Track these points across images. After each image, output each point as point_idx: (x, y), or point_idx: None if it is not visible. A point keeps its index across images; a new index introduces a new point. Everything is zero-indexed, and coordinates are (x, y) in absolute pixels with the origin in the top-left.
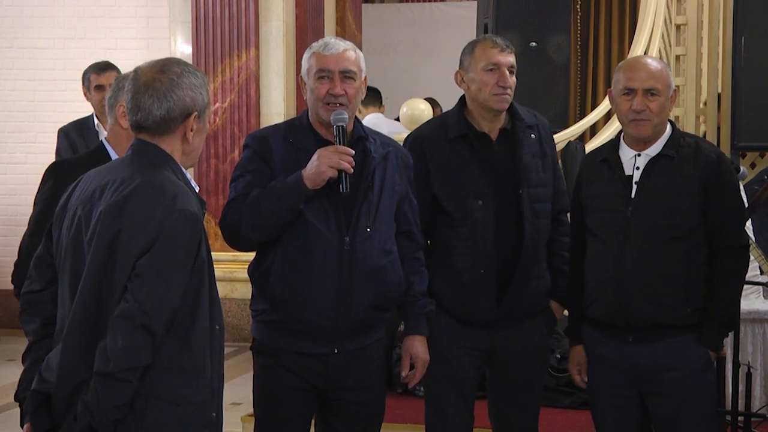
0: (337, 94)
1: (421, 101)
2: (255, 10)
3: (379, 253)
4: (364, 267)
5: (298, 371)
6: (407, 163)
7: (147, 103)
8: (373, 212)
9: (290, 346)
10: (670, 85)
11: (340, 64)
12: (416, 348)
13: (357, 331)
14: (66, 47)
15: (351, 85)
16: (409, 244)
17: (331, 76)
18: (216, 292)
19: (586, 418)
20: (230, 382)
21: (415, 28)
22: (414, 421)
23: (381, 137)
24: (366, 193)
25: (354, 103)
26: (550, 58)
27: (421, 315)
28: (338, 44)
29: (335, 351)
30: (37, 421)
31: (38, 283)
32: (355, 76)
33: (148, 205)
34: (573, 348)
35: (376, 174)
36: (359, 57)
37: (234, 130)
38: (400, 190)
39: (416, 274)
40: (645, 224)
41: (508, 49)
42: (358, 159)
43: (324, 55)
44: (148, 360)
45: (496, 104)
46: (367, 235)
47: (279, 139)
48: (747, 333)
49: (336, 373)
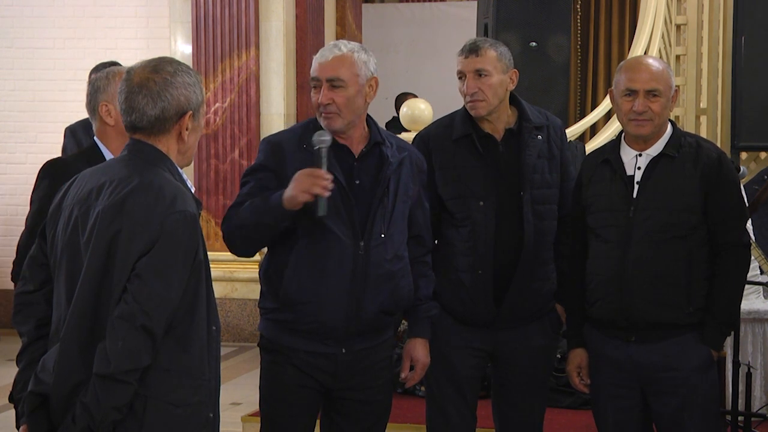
0: (322, 104)
1: (421, 101)
2: (255, 10)
3: (391, 258)
4: (377, 272)
5: (307, 369)
6: (421, 167)
7: (141, 103)
8: (388, 218)
9: (300, 344)
10: (671, 85)
11: (326, 72)
12: (417, 351)
13: (366, 333)
14: (66, 47)
15: (340, 93)
16: (418, 248)
17: (320, 84)
18: (212, 293)
19: (587, 418)
20: (230, 382)
21: (415, 28)
22: (414, 421)
23: (398, 141)
24: (382, 199)
25: (347, 111)
26: (550, 58)
27: (424, 318)
28: (332, 50)
29: (343, 351)
30: (34, 423)
31: (32, 283)
32: (344, 83)
33: (148, 206)
34: (572, 351)
35: (391, 179)
36: (357, 62)
37: (234, 130)
38: (414, 195)
39: (423, 278)
40: (647, 224)
41: (474, 53)
42: (375, 164)
43: (316, 62)
44: (147, 361)
45: (470, 111)
46: (381, 240)
47: (294, 144)
48: (747, 333)
49: (344, 372)
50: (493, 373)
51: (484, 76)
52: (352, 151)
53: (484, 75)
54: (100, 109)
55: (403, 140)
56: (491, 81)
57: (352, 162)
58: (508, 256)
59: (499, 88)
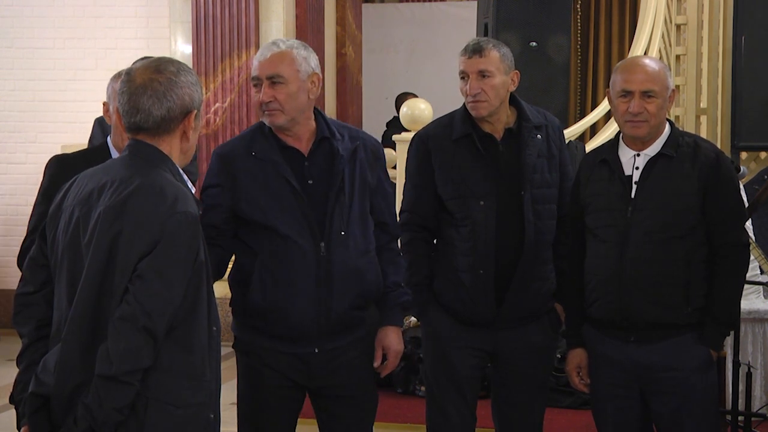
0: (264, 101)
1: (421, 101)
2: (255, 10)
3: (355, 254)
4: (341, 270)
5: (282, 369)
6: (377, 154)
7: (146, 104)
8: (346, 214)
9: (273, 345)
10: (667, 85)
11: (266, 70)
12: (389, 339)
13: (338, 332)
14: (66, 47)
15: (281, 90)
16: (383, 236)
17: (260, 83)
18: (213, 294)
19: (587, 418)
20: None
21: (415, 27)
22: (414, 421)
23: (350, 131)
24: (338, 195)
25: (290, 107)
26: (550, 58)
27: (395, 306)
28: (270, 48)
29: (316, 351)
30: (35, 424)
31: (32, 284)
32: (284, 80)
33: (149, 207)
34: (571, 350)
35: (345, 172)
36: (296, 58)
37: (234, 130)
38: (372, 182)
39: (391, 265)
40: (645, 224)
41: (477, 53)
42: (326, 160)
43: (256, 61)
44: (149, 362)
45: (471, 111)
46: (342, 238)
47: (243, 152)
48: (747, 333)
49: (318, 371)
50: (493, 373)
51: (487, 77)
52: (301, 150)
53: (487, 76)
54: (102, 107)
55: (357, 129)
56: (494, 82)
57: (302, 162)
58: (508, 256)
59: (501, 89)
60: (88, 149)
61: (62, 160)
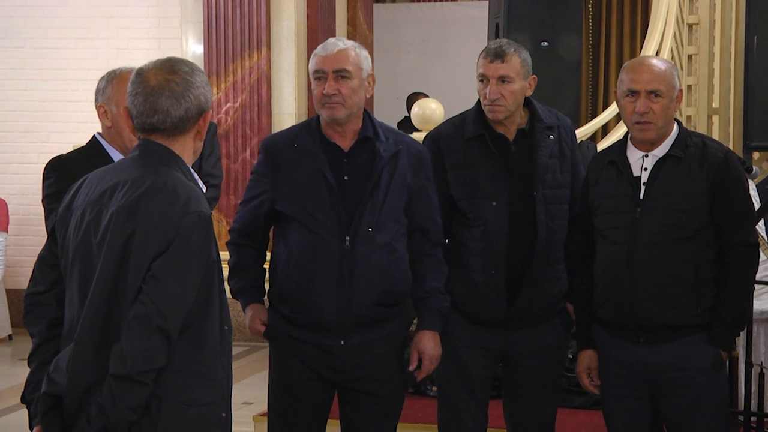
0: (328, 93)
1: (432, 101)
2: (266, 10)
3: (381, 251)
4: (364, 266)
5: (310, 362)
6: (421, 160)
7: (165, 104)
8: (377, 211)
9: (301, 335)
10: (674, 85)
11: (333, 64)
12: (424, 343)
13: (364, 326)
14: (78, 47)
15: (345, 84)
16: (425, 242)
17: (325, 76)
18: (224, 293)
19: (598, 419)
20: (242, 382)
21: (426, 27)
22: (426, 420)
23: (396, 136)
24: (372, 192)
25: (351, 101)
26: (562, 57)
27: (433, 311)
28: (335, 44)
29: (341, 343)
30: (48, 424)
31: (42, 284)
32: (349, 74)
33: (163, 207)
34: (582, 352)
35: (383, 173)
36: (359, 56)
37: (245, 129)
38: (413, 187)
39: (432, 271)
40: (654, 225)
41: (499, 59)
42: (366, 159)
43: (320, 56)
44: (163, 362)
45: (488, 114)
46: (369, 234)
47: (288, 144)
48: (760, 333)
49: (343, 365)
50: (505, 373)
51: (508, 83)
52: (343, 147)
53: (508, 81)
54: (97, 110)
55: (404, 134)
56: (513, 87)
57: (341, 158)
58: (520, 256)
59: (519, 94)
60: (81, 148)
61: (64, 160)
